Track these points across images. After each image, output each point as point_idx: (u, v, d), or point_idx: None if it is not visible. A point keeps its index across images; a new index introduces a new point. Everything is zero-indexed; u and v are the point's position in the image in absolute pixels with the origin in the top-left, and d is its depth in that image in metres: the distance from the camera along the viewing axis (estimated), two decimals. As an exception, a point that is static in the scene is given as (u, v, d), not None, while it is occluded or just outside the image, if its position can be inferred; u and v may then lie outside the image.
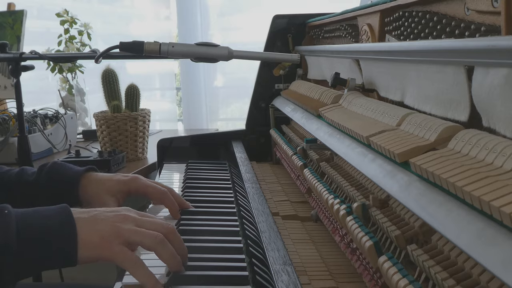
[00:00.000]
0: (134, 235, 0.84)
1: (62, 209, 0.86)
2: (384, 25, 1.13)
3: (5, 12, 2.69)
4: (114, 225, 0.84)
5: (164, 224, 0.88)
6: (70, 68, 2.61)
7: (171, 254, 0.84)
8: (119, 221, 0.85)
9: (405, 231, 0.78)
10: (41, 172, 1.17)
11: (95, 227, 0.83)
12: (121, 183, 1.15)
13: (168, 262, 0.84)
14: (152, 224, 0.87)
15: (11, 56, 1.59)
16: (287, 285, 0.81)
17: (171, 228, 0.88)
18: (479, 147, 0.62)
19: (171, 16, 3.36)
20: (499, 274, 0.46)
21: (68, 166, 1.19)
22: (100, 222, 0.84)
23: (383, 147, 0.79)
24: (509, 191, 0.50)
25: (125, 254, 0.82)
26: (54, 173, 1.16)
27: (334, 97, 1.26)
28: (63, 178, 1.15)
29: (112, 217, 0.86)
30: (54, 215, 0.84)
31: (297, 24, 1.86)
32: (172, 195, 1.14)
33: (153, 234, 0.84)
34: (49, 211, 0.85)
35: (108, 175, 1.18)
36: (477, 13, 0.77)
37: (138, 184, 1.15)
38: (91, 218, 0.85)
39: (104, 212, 0.87)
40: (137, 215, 0.89)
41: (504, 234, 0.48)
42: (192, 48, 1.26)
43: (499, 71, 0.62)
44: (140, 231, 0.84)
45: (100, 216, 0.86)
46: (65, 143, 2.24)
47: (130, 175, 1.18)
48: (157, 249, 0.84)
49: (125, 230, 0.84)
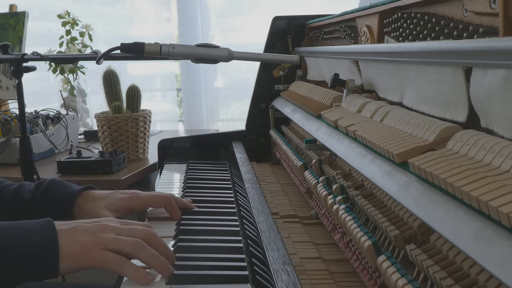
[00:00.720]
0: (114, 243, 0.85)
1: (46, 222, 0.86)
2: (383, 27, 1.13)
3: (7, 14, 2.69)
4: (94, 234, 0.85)
5: (144, 230, 0.89)
6: (71, 69, 2.61)
7: (152, 256, 0.85)
8: (99, 230, 0.86)
9: (403, 231, 0.78)
10: (37, 189, 1.17)
11: (76, 238, 0.84)
12: (123, 200, 1.14)
13: (152, 264, 0.85)
14: (132, 231, 0.88)
15: (13, 57, 1.58)
16: (287, 284, 0.81)
17: (151, 233, 0.89)
18: (477, 147, 0.62)
19: (171, 18, 3.36)
20: (497, 274, 0.46)
21: (65, 184, 1.18)
22: (81, 232, 0.85)
23: (382, 148, 0.79)
24: (507, 191, 0.50)
25: (107, 256, 0.83)
26: (50, 191, 1.16)
27: (333, 98, 1.26)
28: (59, 196, 1.15)
29: (92, 227, 0.87)
30: (37, 228, 0.85)
31: (296, 26, 1.86)
32: (174, 199, 1.15)
33: (132, 241, 0.85)
34: (32, 224, 0.86)
35: (106, 192, 1.17)
36: (475, 15, 0.77)
37: (142, 198, 1.15)
38: (71, 229, 0.86)
39: (85, 223, 0.88)
40: (118, 223, 0.91)
41: (502, 234, 0.48)
42: (192, 49, 1.26)
43: (497, 72, 0.62)
44: (120, 239, 0.85)
45: (80, 227, 0.87)
46: (66, 144, 2.24)
47: (129, 192, 1.17)
48: (138, 254, 0.85)
49: (105, 238, 0.85)
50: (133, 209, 1.16)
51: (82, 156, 1.86)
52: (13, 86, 2.58)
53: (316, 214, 1.21)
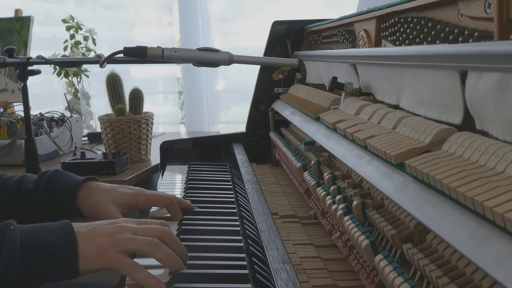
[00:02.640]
0: (130, 243, 0.85)
1: (64, 225, 0.87)
2: (380, 31, 1.13)
3: (13, 18, 2.70)
4: (112, 236, 0.85)
5: (160, 229, 0.90)
6: (75, 72, 2.61)
7: (167, 255, 0.85)
8: (117, 232, 0.87)
9: (400, 231, 0.78)
10: (40, 179, 1.16)
11: (94, 240, 0.85)
12: (128, 195, 1.14)
13: (166, 263, 0.85)
14: (148, 231, 0.89)
15: (18, 60, 1.59)
16: (286, 283, 0.81)
17: (167, 231, 0.90)
18: (472, 149, 0.62)
19: (173, 22, 3.37)
20: (491, 272, 0.46)
21: (68, 174, 1.18)
22: (99, 235, 0.86)
23: (379, 149, 0.80)
24: (501, 192, 0.50)
25: (122, 261, 0.83)
26: (53, 181, 1.15)
27: (332, 100, 1.26)
28: (62, 186, 1.14)
29: (109, 229, 0.87)
30: (56, 230, 0.85)
31: (296, 30, 1.86)
32: (176, 200, 1.15)
33: (148, 240, 0.86)
34: (52, 227, 0.86)
35: (112, 185, 1.16)
36: (471, 19, 0.77)
37: (147, 196, 1.15)
38: (90, 231, 0.86)
39: (102, 225, 0.89)
40: (134, 223, 0.91)
41: (496, 234, 0.48)
42: (194, 53, 1.26)
43: (492, 76, 0.62)
44: (136, 239, 0.86)
45: (98, 229, 0.87)
46: (70, 145, 2.24)
47: (135, 188, 1.17)
48: (153, 253, 0.85)
49: (122, 239, 0.85)
50: (137, 206, 1.15)
51: (86, 157, 1.87)
52: (18, 89, 2.59)
53: (314, 214, 1.21)
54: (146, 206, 1.17)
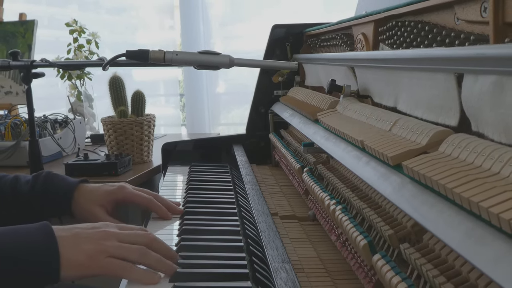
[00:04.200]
0: (118, 250, 0.83)
1: (43, 227, 0.82)
2: (378, 34, 1.13)
3: (17, 22, 2.70)
4: (98, 242, 0.82)
5: (145, 235, 0.88)
6: (78, 75, 2.61)
7: (157, 261, 0.84)
8: (102, 238, 0.83)
9: (398, 231, 0.78)
10: (35, 181, 1.15)
11: (80, 247, 0.81)
12: (108, 193, 1.14)
13: (157, 268, 0.84)
14: (133, 237, 0.86)
15: (22, 63, 1.59)
16: (286, 282, 0.81)
17: (152, 237, 0.88)
18: (468, 150, 0.62)
19: (175, 26, 3.37)
20: (487, 272, 0.46)
21: (61, 177, 1.17)
22: (84, 240, 0.82)
23: (377, 151, 0.80)
24: (497, 193, 0.50)
25: (113, 264, 0.82)
26: (49, 183, 1.14)
27: (330, 103, 1.26)
28: (58, 189, 1.14)
29: (94, 234, 0.84)
30: (34, 233, 0.81)
31: (295, 33, 1.86)
32: (158, 200, 1.14)
33: (136, 248, 0.84)
34: (29, 229, 0.82)
35: (96, 185, 1.16)
36: (467, 23, 0.77)
37: (125, 193, 1.14)
38: (73, 236, 0.82)
39: (85, 230, 0.85)
40: (117, 229, 0.88)
41: (492, 234, 0.48)
42: (195, 56, 1.26)
43: (488, 78, 0.62)
44: (124, 247, 0.83)
45: (82, 234, 0.83)
46: (74, 147, 2.24)
47: (117, 184, 1.16)
48: (142, 261, 0.84)
49: (109, 246, 0.82)
50: (117, 202, 1.15)
51: (89, 158, 1.86)
52: (22, 92, 2.59)
53: (313, 215, 1.21)
54: (125, 203, 1.16)
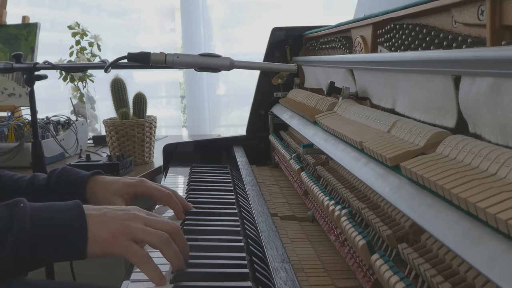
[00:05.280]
0: (142, 233, 0.84)
1: (74, 205, 0.86)
2: (376, 37, 1.13)
3: (20, 25, 2.70)
4: (124, 223, 0.84)
5: (171, 224, 0.88)
6: (81, 77, 2.61)
7: (174, 253, 0.84)
8: (128, 219, 0.85)
9: (396, 231, 0.78)
10: (51, 176, 1.18)
11: (105, 224, 0.83)
12: (128, 185, 1.15)
13: (172, 260, 0.84)
14: (159, 224, 0.87)
15: (25, 66, 1.59)
16: (285, 281, 0.81)
17: (177, 228, 0.89)
18: (465, 151, 0.62)
19: (176, 29, 3.37)
20: (484, 271, 0.46)
21: (76, 170, 1.20)
22: (111, 219, 0.84)
23: (375, 152, 0.80)
24: (494, 193, 0.50)
25: (134, 249, 0.82)
26: (63, 177, 1.17)
27: (329, 104, 1.26)
28: (71, 181, 1.16)
29: (121, 215, 0.86)
30: (66, 210, 0.84)
31: (294, 36, 1.86)
32: (176, 197, 1.14)
33: (159, 234, 0.84)
34: (62, 206, 0.85)
35: (115, 178, 1.18)
36: (464, 26, 0.78)
37: (144, 186, 1.15)
38: (101, 215, 0.85)
39: (114, 210, 0.87)
40: (145, 214, 0.90)
41: (489, 234, 0.48)
42: (195, 58, 1.26)
43: (485, 80, 0.62)
44: (148, 230, 0.85)
45: (110, 214, 0.86)
46: (76, 148, 2.24)
47: (136, 178, 1.18)
48: (162, 248, 0.84)
49: (134, 228, 0.84)
50: (136, 195, 1.16)
51: (91, 159, 1.86)
52: (25, 94, 2.59)
53: (313, 215, 1.20)
54: (144, 196, 1.17)
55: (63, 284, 1.29)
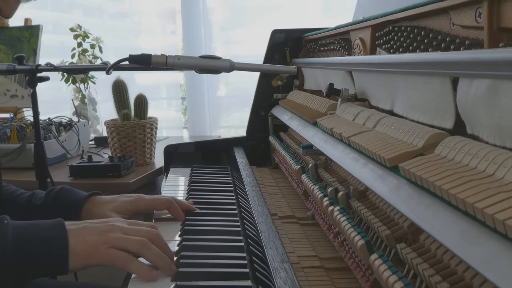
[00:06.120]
0: (121, 241, 0.85)
1: (56, 223, 0.87)
2: (375, 39, 1.13)
3: (23, 27, 2.70)
4: (102, 234, 0.85)
5: (149, 231, 0.90)
6: (82, 79, 2.61)
7: (156, 255, 0.85)
8: (107, 230, 0.86)
9: (394, 231, 0.78)
10: (48, 196, 1.18)
11: (84, 237, 0.84)
12: (128, 203, 1.15)
13: (155, 262, 0.85)
14: (138, 231, 0.89)
15: (28, 68, 1.59)
16: (285, 281, 0.81)
17: (156, 234, 0.89)
18: (463, 152, 0.62)
19: (176, 31, 3.37)
20: (482, 271, 0.46)
21: (74, 191, 1.19)
22: (89, 232, 0.86)
23: (374, 153, 0.80)
24: (492, 194, 0.50)
25: (115, 253, 0.83)
26: (60, 197, 1.17)
27: (328, 106, 1.26)
28: (68, 202, 1.15)
29: (100, 227, 0.87)
30: (48, 227, 0.85)
31: (294, 38, 1.86)
32: (176, 202, 1.15)
33: (139, 239, 0.86)
34: (44, 224, 0.86)
35: (112, 197, 1.17)
36: (462, 28, 0.78)
37: (145, 200, 1.16)
38: (81, 229, 0.86)
39: (93, 223, 0.89)
40: (125, 223, 0.91)
41: (486, 234, 0.48)
42: (196, 60, 1.26)
43: (482, 82, 0.62)
44: (126, 238, 0.86)
45: (89, 227, 0.87)
46: (78, 149, 2.24)
47: (133, 195, 1.18)
48: (143, 252, 0.85)
49: (112, 237, 0.85)
50: (138, 211, 1.16)
51: (93, 160, 1.87)
52: (28, 95, 2.59)
53: (312, 215, 1.20)
54: (147, 211, 1.17)
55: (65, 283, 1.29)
